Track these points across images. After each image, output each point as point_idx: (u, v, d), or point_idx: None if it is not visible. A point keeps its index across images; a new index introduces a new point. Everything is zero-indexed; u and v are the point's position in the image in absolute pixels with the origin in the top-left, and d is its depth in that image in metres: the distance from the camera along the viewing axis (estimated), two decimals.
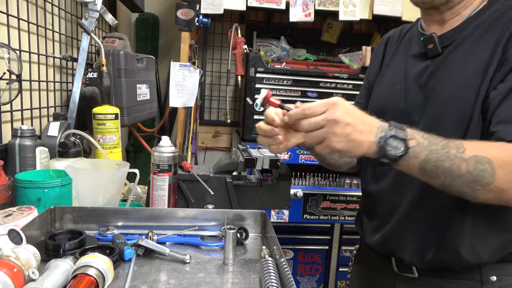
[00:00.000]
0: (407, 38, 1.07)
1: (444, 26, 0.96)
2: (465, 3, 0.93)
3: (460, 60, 0.91)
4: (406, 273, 1.01)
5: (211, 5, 2.05)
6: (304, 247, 2.18)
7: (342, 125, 0.74)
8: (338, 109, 0.74)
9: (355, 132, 0.75)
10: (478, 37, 0.90)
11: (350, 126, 0.74)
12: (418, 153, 0.77)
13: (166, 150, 1.05)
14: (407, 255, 0.98)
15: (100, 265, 0.64)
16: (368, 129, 0.76)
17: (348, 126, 0.74)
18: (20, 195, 0.94)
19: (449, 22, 0.95)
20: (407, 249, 0.98)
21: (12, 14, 1.17)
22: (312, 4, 2.10)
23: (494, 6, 0.92)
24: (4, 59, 1.09)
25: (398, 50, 1.08)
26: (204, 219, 0.95)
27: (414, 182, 0.95)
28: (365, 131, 0.76)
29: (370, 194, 1.09)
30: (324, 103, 0.76)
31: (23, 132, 1.10)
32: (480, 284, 0.93)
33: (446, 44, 0.94)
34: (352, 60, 2.27)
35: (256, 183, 1.17)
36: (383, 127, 0.77)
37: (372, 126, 0.77)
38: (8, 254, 0.63)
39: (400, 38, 1.10)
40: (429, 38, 0.95)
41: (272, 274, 0.70)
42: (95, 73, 1.38)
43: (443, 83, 0.92)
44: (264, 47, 2.57)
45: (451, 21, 0.95)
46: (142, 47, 2.54)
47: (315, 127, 0.76)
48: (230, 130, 2.74)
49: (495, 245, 0.92)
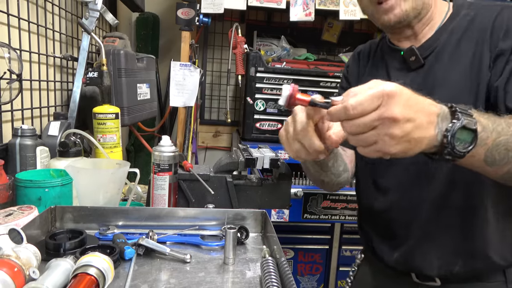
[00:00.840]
0: (379, 54, 1.06)
1: (417, 38, 0.95)
2: (431, 14, 0.94)
3: (445, 68, 0.91)
4: (428, 282, 0.96)
5: (211, 5, 2.05)
6: (305, 246, 2.18)
7: (402, 124, 0.58)
8: (397, 103, 0.58)
9: (416, 129, 0.59)
10: (456, 43, 0.90)
11: (411, 123, 0.59)
12: (485, 139, 0.65)
13: (167, 149, 1.05)
14: (434, 270, 0.93)
15: (101, 265, 0.64)
16: (428, 120, 0.61)
17: (408, 124, 0.58)
18: (21, 195, 0.94)
19: (421, 34, 0.95)
20: (433, 265, 0.93)
21: (13, 13, 1.17)
22: (312, 3, 2.10)
23: (461, 12, 0.93)
24: (4, 59, 1.09)
25: (374, 67, 1.06)
26: (204, 219, 0.95)
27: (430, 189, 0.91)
28: (425, 124, 0.60)
29: (377, 210, 1.01)
30: (376, 94, 0.58)
31: (23, 131, 1.10)
32: (504, 285, 0.91)
33: (426, 54, 0.93)
34: None
35: (257, 182, 1.17)
36: (444, 113, 0.63)
37: (431, 114, 0.62)
38: (8, 254, 0.63)
39: (371, 55, 1.08)
40: (410, 50, 0.93)
41: (272, 274, 0.70)
42: (95, 72, 1.39)
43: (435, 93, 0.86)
44: (264, 47, 2.57)
45: (422, 33, 0.95)
46: (143, 46, 2.54)
47: (364, 129, 0.60)
48: (231, 130, 2.74)
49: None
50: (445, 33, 0.92)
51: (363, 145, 0.62)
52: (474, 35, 0.88)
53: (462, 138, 0.62)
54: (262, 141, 2.15)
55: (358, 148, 0.63)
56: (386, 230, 1.01)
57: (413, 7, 0.90)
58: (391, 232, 0.99)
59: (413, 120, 0.58)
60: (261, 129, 2.21)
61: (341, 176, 1.01)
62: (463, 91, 0.87)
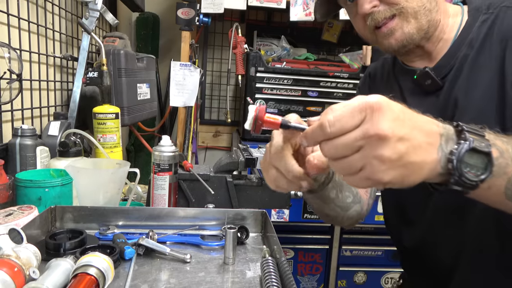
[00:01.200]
0: (392, 74, 0.95)
1: (432, 57, 0.85)
2: (441, 28, 0.83)
3: (466, 87, 0.79)
4: None
5: (211, 5, 2.05)
6: (305, 246, 2.18)
7: (393, 143, 0.47)
8: (384, 117, 0.47)
9: (413, 151, 0.48)
10: (475, 57, 0.79)
11: (405, 143, 0.48)
12: (504, 167, 0.53)
13: (167, 149, 1.05)
14: None
15: (101, 265, 0.64)
16: (427, 141, 0.50)
17: (401, 143, 0.47)
18: (21, 195, 0.94)
19: (434, 51, 0.84)
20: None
21: (13, 13, 1.17)
22: (312, 3, 2.10)
23: (478, 18, 0.81)
24: (4, 59, 1.09)
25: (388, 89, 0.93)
26: (204, 219, 0.95)
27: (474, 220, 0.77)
28: (424, 145, 0.49)
29: (407, 248, 0.90)
30: (357, 107, 0.48)
31: (23, 131, 1.10)
32: None
33: (443, 74, 0.82)
34: (352, 59, 2.27)
35: (257, 182, 1.17)
36: (449, 133, 0.52)
37: (431, 134, 0.51)
38: (8, 254, 0.63)
39: (385, 76, 0.98)
40: (424, 74, 0.82)
41: (272, 274, 0.70)
42: (95, 72, 1.39)
43: (457, 118, 0.78)
44: (264, 47, 2.57)
45: (436, 50, 0.84)
46: (143, 46, 2.54)
47: (346, 152, 0.49)
48: (231, 130, 2.74)
49: None
50: (463, 46, 0.81)
51: (349, 173, 0.50)
52: (495, 44, 0.77)
53: (473, 163, 0.50)
54: (262, 141, 2.16)
55: (343, 177, 0.52)
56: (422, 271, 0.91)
57: (418, 28, 0.80)
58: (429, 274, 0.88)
59: (407, 139, 0.47)
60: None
61: (350, 209, 0.85)
62: (488, 111, 0.75)
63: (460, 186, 0.51)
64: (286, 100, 2.18)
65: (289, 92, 2.17)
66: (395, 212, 0.96)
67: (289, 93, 2.17)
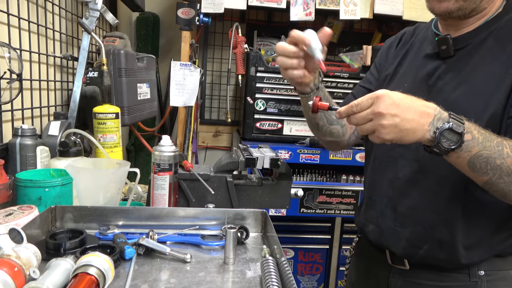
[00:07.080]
0: (421, 37, 1.08)
1: (460, 29, 0.96)
2: (484, 13, 0.93)
3: (471, 67, 0.92)
4: (399, 265, 1.04)
5: (211, 4, 2.05)
6: (305, 246, 2.18)
7: (389, 117, 0.75)
8: (382, 102, 0.76)
9: (404, 121, 0.76)
10: (491, 46, 0.91)
11: (397, 117, 0.76)
12: (471, 148, 0.78)
13: (167, 149, 1.05)
14: (400, 250, 1.01)
15: (101, 264, 0.65)
16: (420, 117, 0.77)
17: (395, 117, 0.76)
18: (21, 194, 0.94)
19: (466, 26, 0.95)
20: (400, 244, 1.00)
21: (13, 13, 1.17)
22: (312, 3, 2.10)
23: (509, 13, 0.92)
24: (4, 58, 1.09)
25: (411, 49, 1.08)
26: (204, 218, 0.95)
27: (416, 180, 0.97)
28: (416, 119, 0.76)
29: (371, 183, 1.10)
30: (370, 96, 0.78)
31: (23, 131, 1.10)
32: (468, 277, 0.96)
33: (459, 47, 0.95)
34: (352, 59, 2.27)
35: (257, 182, 1.17)
36: (441, 116, 0.78)
37: (424, 114, 0.77)
38: (9, 253, 0.63)
39: (413, 37, 1.10)
40: (443, 39, 0.95)
41: (272, 274, 0.70)
42: (95, 72, 1.38)
43: (451, 87, 0.93)
44: (264, 46, 2.57)
45: (468, 25, 0.95)
46: (143, 46, 2.54)
47: (363, 121, 0.79)
48: (231, 129, 2.74)
49: (488, 246, 0.94)
50: (485, 32, 0.93)
51: (367, 132, 0.80)
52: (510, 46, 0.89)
53: (449, 137, 0.77)
54: (262, 141, 2.16)
55: (369, 137, 0.81)
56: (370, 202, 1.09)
57: (459, 8, 0.90)
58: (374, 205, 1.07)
59: (398, 115, 0.76)
60: (261, 128, 2.21)
61: (333, 124, 1.11)
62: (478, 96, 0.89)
63: (438, 149, 0.78)
64: (286, 100, 2.18)
65: (289, 92, 2.17)
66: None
67: (289, 93, 2.17)
